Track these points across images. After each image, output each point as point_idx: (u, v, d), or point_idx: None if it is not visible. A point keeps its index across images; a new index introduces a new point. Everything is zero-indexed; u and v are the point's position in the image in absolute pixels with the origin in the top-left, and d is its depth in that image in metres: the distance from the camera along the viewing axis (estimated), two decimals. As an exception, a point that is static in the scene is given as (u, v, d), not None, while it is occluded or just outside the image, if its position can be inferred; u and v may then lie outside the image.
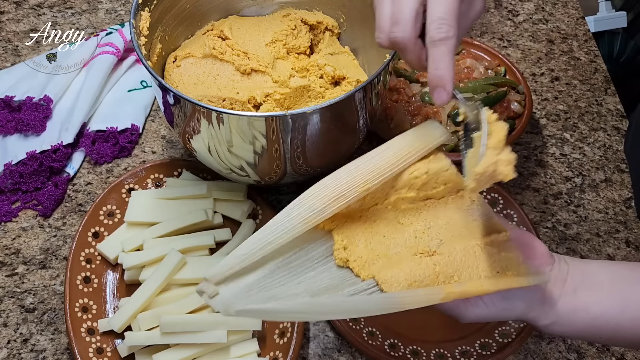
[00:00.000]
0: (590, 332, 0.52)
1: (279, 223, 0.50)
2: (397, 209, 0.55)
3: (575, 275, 0.53)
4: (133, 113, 0.88)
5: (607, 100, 0.96)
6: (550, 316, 0.52)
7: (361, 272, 0.51)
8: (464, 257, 0.52)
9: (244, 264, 0.49)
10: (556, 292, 0.52)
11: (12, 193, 0.80)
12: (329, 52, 0.81)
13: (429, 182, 0.55)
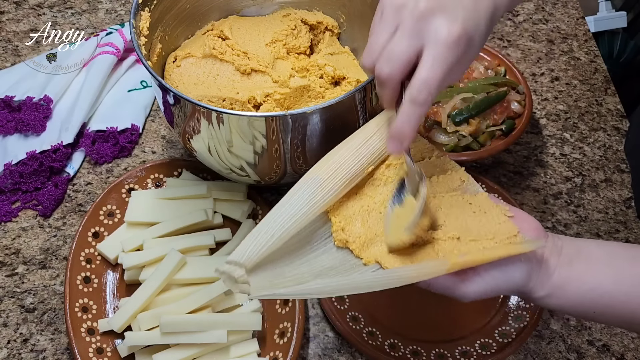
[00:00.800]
0: (585, 305, 0.52)
1: (303, 206, 0.52)
2: (392, 180, 0.56)
3: (569, 249, 0.53)
4: (133, 113, 0.88)
5: (607, 100, 0.96)
6: (546, 287, 0.52)
7: (362, 254, 0.52)
8: (461, 231, 0.53)
9: (271, 250, 0.50)
10: (552, 263, 0.52)
11: (12, 193, 0.80)
12: (329, 52, 0.81)
13: (417, 153, 0.58)
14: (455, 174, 0.57)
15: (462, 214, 0.54)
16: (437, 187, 0.57)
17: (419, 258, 0.51)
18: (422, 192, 0.52)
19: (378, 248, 0.53)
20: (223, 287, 0.65)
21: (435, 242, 0.52)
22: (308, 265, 0.52)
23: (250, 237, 0.51)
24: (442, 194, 0.56)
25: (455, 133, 0.82)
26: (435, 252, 0.52)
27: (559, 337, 0.72)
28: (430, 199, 0.55)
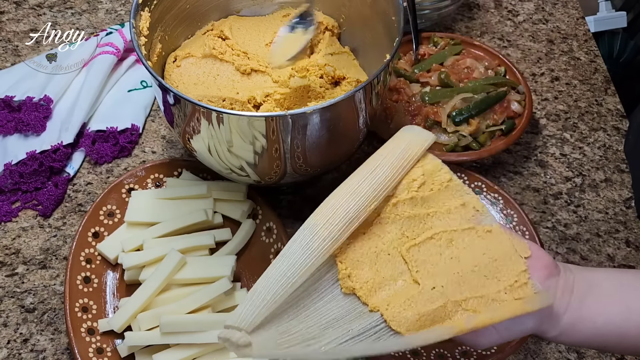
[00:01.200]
0: (597, 340, 0.53)
1: (298, 258, 0.50)
2: (401, 217, 0.55)
3: (581, 285, 0.53)
4: (133, 113, 0.88)
5: (607, 100, 0.96)
6: (558, 327, 0.53)
7: (368, 300, 0.51)
8: (471, 277, 0.52)
9: (270, 310, 0.49)
10: (564, 303, 0.52)
11: (12, 193, 0.80)
12: (329, 52, 0.81)
13: (426, 182, 0.56)
14: (469, 203, 0.56)
15: (474, 257, 0.53)
16: (452, 221, 0.55)
17: (427, 310, 0.50)
18: (308, 34, 0.54)
19: (386, 293, 0.52)
20: (223, 287, 0.65)
21: (445, 291, 0.51)
22: (315, 317, 0.51)
23: (248, 298, 0.49)
24: (456, 229, 0.55)
25: (455, 133, 0.82)
26: (443, 305, 0.51)
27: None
28: (443, 234, 0.54)
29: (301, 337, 0.49)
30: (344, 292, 0.52)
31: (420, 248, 0.54)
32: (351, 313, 0.51)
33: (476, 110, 0.82)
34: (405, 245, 0.54)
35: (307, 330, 0.50)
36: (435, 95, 0.84)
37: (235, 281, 0.71)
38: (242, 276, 0.73)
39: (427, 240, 0.54)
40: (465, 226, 0.54)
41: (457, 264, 0.53)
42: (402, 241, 0.54)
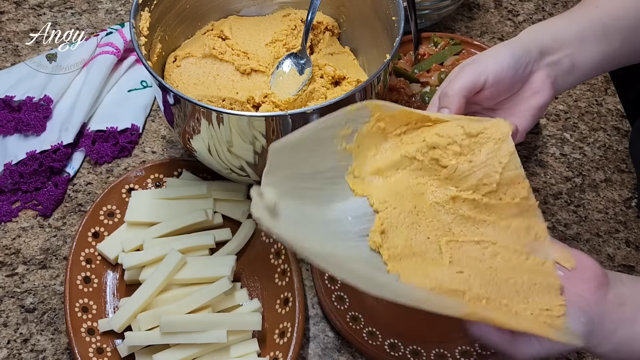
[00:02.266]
0: None
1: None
2: (455, 213, 0.51)
3: (634, 300, 0.50)
4: (133, 113, 0.88)
5: (607, 100, 0.96)
6: (609, 345, 0.50)
7: (389, 262, 0.49)
8: (502, 285, 0.48)
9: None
10: (615, 318, 0.49)
11: (12, 193, 0.80)
12: (329, 52, 0.81)
13: (498, 191, 0.51)
14: (533, 227, 0.51)
15: (514, 272, 0.49)
16: (506, 238, 0.51)
17: (445, 287, 0.48)
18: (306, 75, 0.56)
19: (409, 263, 0.49)
20: (223, 287, 0.65)
21: (471, 283, 0.48)
22: (334, 244, 0.49)
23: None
24: (507, 247, 0.50)
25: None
26: (462, 292, 0.48)
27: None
28: (491, 244, 0.51)
29: (317, 244, 0.48)
30: (370, 245, 0.50)
31: (462, 246, 0.50)
32: (369, 262, 0.49)
33: (476, 110, 0.82)
34: (446, 237, 0.51)
35: (323, 246, 0.48)
36: (435, 95, 0.84)
37: (235, 281, 0.71)
38: (242, 276, 0.73)
39: (472, 242, 0.51)
40: (518, 248, 0.50)
41: (492, 272, 0.49)
42: (446, 234, 0.51)
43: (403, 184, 0.52)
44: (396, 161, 0.53)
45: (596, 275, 0.50)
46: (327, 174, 0.53)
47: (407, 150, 0.53)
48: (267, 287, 0.71)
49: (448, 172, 0.52)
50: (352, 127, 0.52)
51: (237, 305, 0.68)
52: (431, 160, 0.52)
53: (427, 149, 0.52)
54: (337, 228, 0.50)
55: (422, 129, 0.53)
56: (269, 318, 0.69)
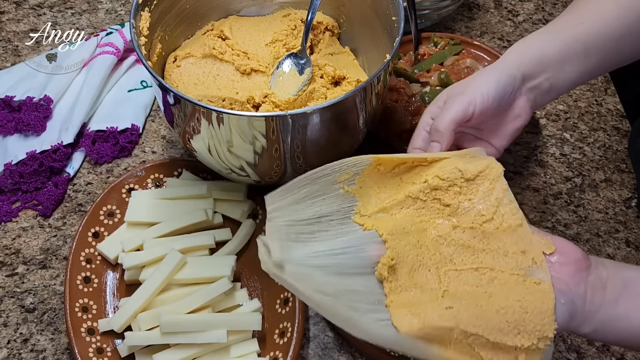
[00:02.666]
0: (630, 340, 0.52)
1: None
2: (456, 244, 0.54)
3: (615, 283, 0.52)
4: (133, 113, 0.88)
5: (607, 100, 0.96)
6: (592, 324, 0.51)
7: (390, 295, 0.51)
8: (492, 317, 0.50)
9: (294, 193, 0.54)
10: (597, 300, 0.51)
11: (12, 193, 0.80)
12: (329, 52, 0.81)
13: (494, 219, 0.55)
14: (530, 252, 0.53)
15: (506, 299, 0.51)
16: (504, 264, 0.53)
17: (433, 326, 0.49)
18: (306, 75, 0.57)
19: (407, 297, 0.52)
20: (223, 287, 0.65)
21: (460, 318, 0.49)
22: (337, 277, 0.51)
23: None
24: (504, 271, 0.53)
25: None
26: (449, 329, 0.49)
27: (559, 337, 0.72)
28: (488, 271, 0.53)
29: (316, 288, 0.50)
30: (377, 276, 0.52)
31: (460, 274, 0.53)
32: (369, 295, 0.51)
33: (476, 110, 0.82)
34: (446, 267, 0.54)
35: (323, 283, 0.50)
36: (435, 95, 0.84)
37: (235, 281, 0.71)
38: (242, 276, 0.73)
39: (471, 270, 0.53)
40: (515, 272, 0.53)
41: (485, 299, 0.51)
42: (447, 265, 0.54)
43: (408, 221, 0.55)
44: (400, 200, 0.56)
45: (577, 259, 0.52)
46: (332, 216, 0.55)
47: (410, 190, 0.56)
48: (267, 287, 0.71)
49: (451, 210, 0.56)
50: (352, 171, 0.56)
51: (237, 305, 0.68)
52: (434, 200, 0.56)
53: (430, 190, 0.56)
54: (344, 260, 0.52)
55: (420, 167, 0.57)
56: (269, 318, 0.69)
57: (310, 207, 0.55)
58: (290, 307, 0.68)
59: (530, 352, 0.50)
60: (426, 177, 0.56)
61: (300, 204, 0.54)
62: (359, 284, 0.51)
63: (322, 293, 0.49)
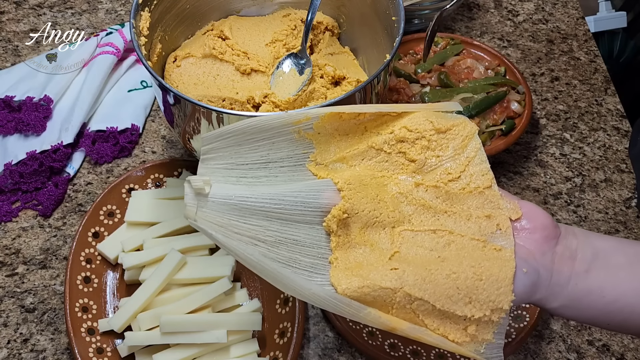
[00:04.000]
0: (602, 317, 0.48)
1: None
2: (417, 204, 0.50)
3: (585, 252, 0.48)
4: (133, 113, 0.88)
5: (607, 100, 0.96)
6: (561, 298, 0.48)
7: (335, 250, 0.47)
8: (442, 281, 0.46)
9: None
10: (566, 271, 0.47)
11: (12, 193, 0.80)
12: (329, 52, 0.81)
13: (461, 178, 0.51)
14: (495, 218, 0.49)
15: (459, 264, 0.47)
16: (466, 228, 0.49)
17: (376, 287, 0.45)
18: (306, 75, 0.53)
19: (354, 256, 0.48)
20: (223, 287, 0.65)
21: (405, 281, 0.46)
22: (279, 223, 0.46)
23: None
24: (464, 235, 0.49)
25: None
26: (393, 292, 0.45)
27: (559, 337, 0.72)
28: (447, 234, 0.49)
29: (248, 234, 0.45)
30: (324, 227, 0.48)
31: (416, 236, 0.49)
32: (312, 247, 0.47)
33: (476, 111, 0.82)
34: (402, 227, 0.49)
35: (259, 229, 0.46)
36: (435, 96, 0.84)
37: (235, 281, 0.71)
38: (242, 276, 0.73)
39: (428, 232, 0.49)
40: (476, 237, 0.49)
41: (437, 263, 0.47)
42: (403, 224, 0.50)
43: (368, 174, 0.51)
44: (362, 150, 0.52)
45: (544, 226, 0.49)
46: (283, 162, 0.50)
47: (374, 140, 0.52)
48: (267, 287, 0.71)
49: (416, 166, 0.51)
50: (309, 115, 0.50)
51: (237, 305, 0.68)
52: (398, 154, 0.52)
53: (395, 142, 0.51)
54: (290, 205, 0.47)
55: (387, 117, 0.52)
56: (269, 318, 0.69)
57: (256, 150, 0.48)
58: (290, 307, 0.68)
59: (482, 324, 0.46)
60: (393, 127, 0.51)
61: (244, 146, 0.48)
62: (303, 233, 0.47)
63: (256, 240, 0.45)
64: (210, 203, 0.45)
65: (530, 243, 0.48)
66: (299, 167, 0.50)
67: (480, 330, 0.46)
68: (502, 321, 0.46)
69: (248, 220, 0.46)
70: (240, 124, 0.48)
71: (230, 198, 0.46)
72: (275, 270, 0.44)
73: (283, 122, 0.49)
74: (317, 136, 0.51)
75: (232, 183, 0.48)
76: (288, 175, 0.50)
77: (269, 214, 0.46)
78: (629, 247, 0.50)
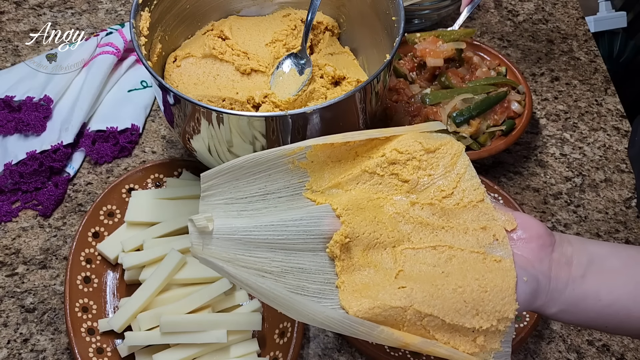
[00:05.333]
0: (599, 320, 0.49)
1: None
2: (414, 222, 0.52)
3: (581, 258, 0.49)
4: (133, 113, 0.88)
5: (607, 100, 0.96)
6: (559, 304, 0.49)
7: (341, 275, 0.49)
8: (449, 296, 0.47)
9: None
10: (563, 277, 0.49)
11: (12, 193, 0.80)
12: (329, 52, 0.81)
13: (454, 194, 0.52)
14: (491, 229, 0.51)
15: (463, 278, 0.48)
16: (464, 242, 0.50)
17: (386, 307, 0.46)
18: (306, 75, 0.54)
19: (359, 278, 0.49)
20: (223, 287, 0.65)
21: (414, 298, 0.47)
22: (283, 253, 0.47)
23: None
24: (463, 249, 0.50)
25: (455, 134, 0.82)
26: (403, 310, 0.46)
27: (559, 337, 0.72)
28: (447, 249, 0.50)
29: (254, 265, 0.47)
30: (328, 253, 0.49)
31: (417, 253, 0.51)
32: (318, 273, 0.48)
33: (477, 111, 0.82)
34: (403, 245, 0.51)
35: (266, 261, 0.47)
36: (436, 97, 0.84)
37: (235, 281, 0.71)
38: (242, 276, 0.73)
39: (429, 248, 0.51)
40: (475, 250, 0.50)
41: (442, 278, 0.48)
42: (403, 243, 0.51)
43: (364, 197, 0.52)
44: (356, 175, 0.53)
45: (539, 235, 0.50)
46: (280, 193, 0.51)
47: (367, 164, 0.53)
48: (267, 287, 0.71)
49: (410, 186, 0.53)
50: (302, 145, 0.51)
51: (237, 305, 0.68)
52: (391, 175, 0.53)
53: (387, 164, 0.53)
54: (293, 234, 0.48)
55: (377, 141, 0.54)
56: (269, 318, 0.69)
57: (253, 183, 0.50)
58: (290, 307, 0.68)
59: (490, 334, 0.48)
60: (384, 151, 0.53)
61: (241, 180, 0.50)
62: (308, 261, 0.48)
63: (263, 272, 0.46)
64: (215, 240, 0.46)
65: (527, 252, 0.49)
66: (296, 197, 0.52)
67: (489, 340, 0.48)
68: (508, 330, 0.48)
69: (253, 253, 0.47)
70: (237, 161, 0.50)
71: (234, 233, 0.47)
72: (288, 297, 0.46)
73: (278, 154, 0.50)
74: (311, 164, 0.52)
75: (234, 217, 0.49)
76: (287, 205, 0.51)
77: (272, 245, 0.48)
78: (623, 251, 0.51)
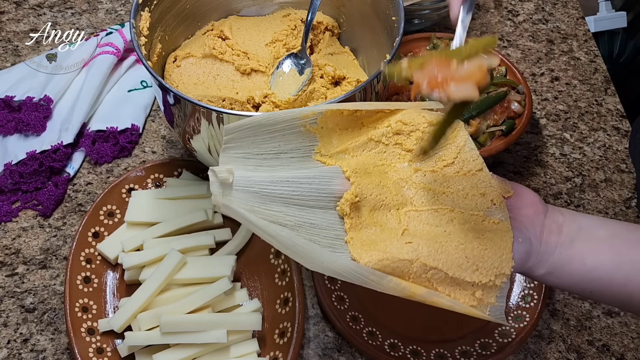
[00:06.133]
0: (583, 284, 0.53)
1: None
2: (417, 186, 0.56)
3: (570, 227, 0.53)
4: (133, 113, 0.88)
5: (607, 100, 0.96)
6: (547, 265, 0.53)
7: (350, 231, 0.52)
8: (452, 252, 0.51)
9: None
10: (552, 241, 0.53)
11: (12, 193, 0.80)
12: (329, 52, 0.81)
13: (455, 163, 0.57)
14: (489, 194, 0.55)
15: (465, 237, 0.53)
16: (464, 205, 0.55)
17: (393, 259, 0.50)
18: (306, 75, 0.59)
19: (367, 235, 0.52)
20: (223, 287, 0.65)
21: (420, 253, 0.51)
22: (297, 209, 0.51)
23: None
24: (463, 212, 0.54)
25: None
26: (410, 262, 0.50)
27: (559, 337, 0.72)
28: (448, 211, 0.54)
29: (270, 216, 0.49)
30: (338, 211, 0.52)
31: (420, 215, 0.54)
32: (328, 229, 0.52)
33: (477, 111, 0.82)
34: (406, 208, 0.55)
35: (282, 214, 0.50)
36: (435, 96, 0.84)
37: (235, 281, 0.71)
38: (242, 276, 0.73)
39: (431, 210, 0.55)
40: (475, 212, 0.54)
41: (445, 236, 0.53)
42: (407, 206, 0.55)
43: (370, 163, 0.56)
44: (362, 142, 0.56)
45: (533, 202, 0.55)
46: (292, 153, 0.54)
47: (373, 133, 0.57)
48: (267, 287, 0.71)
49: (412, 155, 0.57)
50: (314, 111, 0.55)
51: (237, 305, 0.68)
52: (395, 145, 0.57)
53: (392, 134, 0.57)
54: (306, 191, 0.52)
55: (382, 113, 0.58)
56: (269, 318, 0.69)
57: (269, 141, 0.53)
58: (290, 307, 0.68)
59: (487, 288, 0.52)
60: (389, 122, 0.57)
61: (259, 137, 0.53)
62: (319, 217, 0.52)
63: (278, 224, 0.49)
64: (234, 191, 0.49)
65: (522, 217, 0.54)
66: (307, 158, 0.55)
67: (486, 294, 0.52)
68: (504, 285, 0.52)
69: (269, 206, 0.50)
70: (258, 117, 0.53)
71: (252, 186, 0.50)
72: (306, 245, 0.48)
73: (293, 115, 0.54)
74: (321, 130, 0.55)
75: (251, 171, 0.52)
76: (299, 165, 0.54)
77: (287, 200, 0.51)
78: (611, 224, 0.55)
